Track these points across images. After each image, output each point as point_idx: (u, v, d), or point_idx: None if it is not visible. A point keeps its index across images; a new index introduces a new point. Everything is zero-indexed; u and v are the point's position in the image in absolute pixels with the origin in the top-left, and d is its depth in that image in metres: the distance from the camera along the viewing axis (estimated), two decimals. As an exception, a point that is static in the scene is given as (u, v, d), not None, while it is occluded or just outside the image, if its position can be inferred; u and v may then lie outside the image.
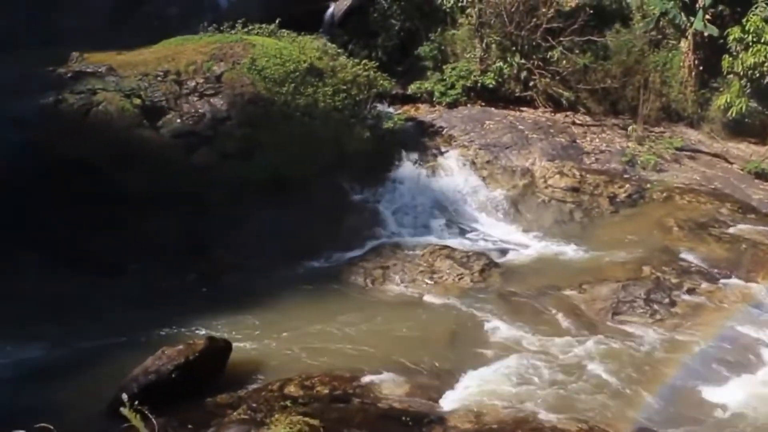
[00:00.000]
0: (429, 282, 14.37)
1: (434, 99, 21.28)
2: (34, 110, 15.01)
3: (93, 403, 9.75)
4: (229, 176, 15.56)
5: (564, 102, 21.12)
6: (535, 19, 20.90)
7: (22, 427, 4.57)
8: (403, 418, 9.52)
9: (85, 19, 19.37)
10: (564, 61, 21.04)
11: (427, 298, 13.91)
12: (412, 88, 21.52)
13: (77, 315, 12.62)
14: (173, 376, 9.82)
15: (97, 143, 14.90)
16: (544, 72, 21.14)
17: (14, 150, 14.51)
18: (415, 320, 12.84)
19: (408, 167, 18.19)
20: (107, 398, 9.48)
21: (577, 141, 19.89)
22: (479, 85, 21.19)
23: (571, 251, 15.89)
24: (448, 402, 10.14)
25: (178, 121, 15.89)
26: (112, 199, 14.33)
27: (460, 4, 21.89)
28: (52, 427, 4.71)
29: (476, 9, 21.28)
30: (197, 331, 12.05)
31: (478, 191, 18.00)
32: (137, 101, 15.75)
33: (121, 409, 4.90)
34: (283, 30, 19.22)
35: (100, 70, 16.22)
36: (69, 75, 15.98)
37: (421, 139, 19.21)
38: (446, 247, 15.54)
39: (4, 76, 15.46)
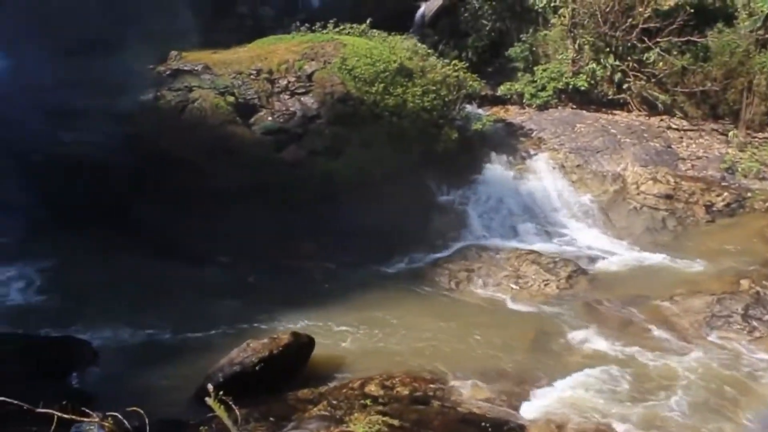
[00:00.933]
0: (514, 287, 14.16)
1: (524, 101, 20.97)
2: (135, 106, 15.69)
3: (180, 389, 10.09)
4: (317, 173, 15.81)
5: (659, 105, 20.40)
6: (630, 20, 20.25)
7: (115, 410, 4.74)
8: (483, 424, 9.39)
9: (183, 20, 20.10)
10: (661, 63, 20.30)
11: (511, 303, 13.71)
12: (501, 90, 21.27)
13: (168, 303, 13.06)
14: (257, 368, 10.02)
15: (191, 138, 15.42)
16: (639, 74, 20.48)
17: (117, 143, 15.27)
18: (498, 325, 12.66)
19: (496, 169, 17.98)
20: (194, 385, 9.79)
21: (673, 146, 19.15)
22: (571, 87, 20.72)
23: (662, 261, 15.31)
24: (529, 411, 9.93)
25: (270, 118, 16.23)
26: (204, 193, 14.81)
27: (552, 5, 21.47)
28: (142, 411, 4.87)
29: (569, 9, 20.81)
30: (282, 325, 12.25)
31: (567, 196, 17.60)
32: (231, 99, 16.18)
33: (207, 399, 5.02)
34: (374, 30, 19.37)
35: (196, 68, 16.76)
36: (167, 73, 16.61)
37: (510, 142, 18.95)
38: (532, 251, 15.28)
39: (111, 74, 16.22)
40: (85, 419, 4.40)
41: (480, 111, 20.00)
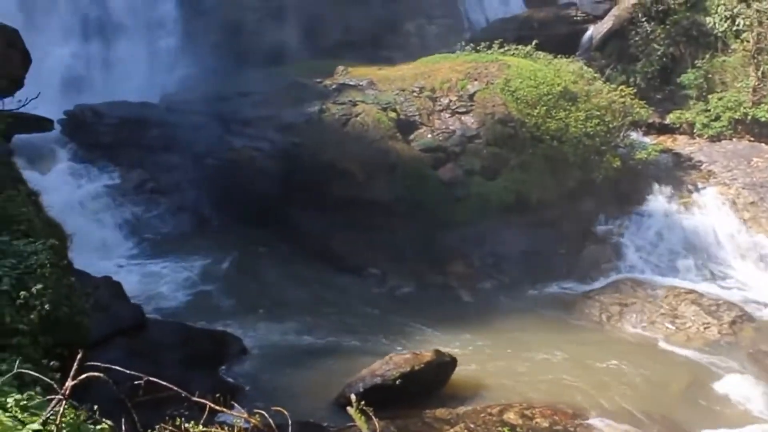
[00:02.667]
0: (670, 327, 13.37)
1: (695, 131, 19.80)
2: (301, 117, 16.43)
3: (321, 393, 10.43)
4: (472, 192, 15.80)
5: None
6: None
7: (258, 405, 4.94)
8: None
9: (350, 34, 20.88)
10: None
11: (666, 344, 12.96)
12: (670, 118, 20.23)
13: (319, 308, 13.57)
14: (397, 383, 10.13)
15: (352, 151, 15.91)
16: (832, 108, 18.75)
17: (281, 152, 16.10)
18: (650, 366, 12.00)
19: (659, 201, 17.09)
20: (334, 391, 10.08)
21: None
22: (749, 117, 19.31)
23: None
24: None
25: (429, 135, 16.42)
26: (360, 204, 15.25)
27: (735, 28, 20.16)
28: (285, 412, 5.04)
29: (754, 33, 19.46)
30: (425, 342, 12.31)
31: (736, 234, 16.40)
32: (392, 114, 16.53)
33: (348, 408, 5.12)
34: (539, 52, 19.07)
35: (361, 83, 17.29)
36: (333, 87, 17.25)
37: (676, 173, 17.97)
38: (693, 291, 14.37)
39: (279, 86, 17.15)
40: (234, 413, 4.63)
41: (646, 139, 19.14)
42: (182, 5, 21.31)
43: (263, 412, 4.47)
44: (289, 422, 5.08)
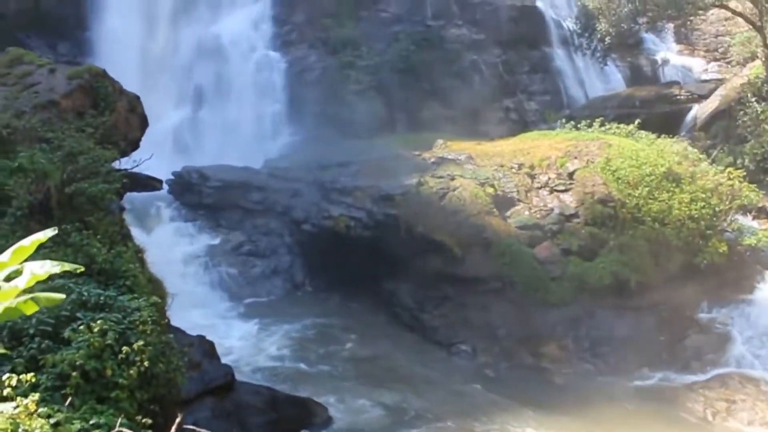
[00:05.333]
0: (785, 428, 12.39)
1: (810, 217, 18.77)
2: (399, 189, 16.56)
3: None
4: (569, 273, 15.36)
5: None
6: None
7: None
8: None
9: (450, 108, 21.14)
10: None
11: (781, 446, 12.00)
12: (783, 203, 19.26)
13: (409, 382, 13.32)
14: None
15: (448, 225, 15.84)
16: None
17: (378, 222, 16.24)
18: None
19: (770, 291, 16.14)
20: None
21: None
22: None
23: None
24: None
25: (527, 213, 16.20)
26: (454, 279, 15.12)
27: None
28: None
29: None
30: (514, 427, 11.84)
31: None
32: (490, 190, 16.43)
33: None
34: (642, 131, 18.70)
35: (460, 157, 17.35)
36: (432, 160, 17.37)
37: (789, 262, 16.96)
38: (810, 390, 13.32)
39: (379, 156, 17.42)
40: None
41: (755, 224, 18.22)
42: (289, 75, 22.24)
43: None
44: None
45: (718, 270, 16.05)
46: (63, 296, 2.25)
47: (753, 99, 20.75)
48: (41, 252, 2.24)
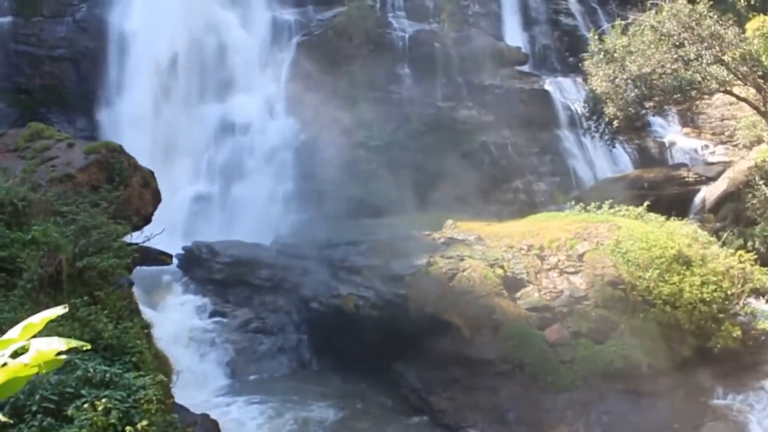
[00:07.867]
0: None
1: (825, 303, 18.52)
2: (408, 269, 16.52)
3: None
4: (579, 356, 15.12)
5: None
6: None
7: None
8: None
9: (460, 189, 21.32)
10: None
11: None
12: (795, 290, 19.06)
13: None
14: None
15: (457, 306, 15.71)
16: None
17: (386, 302, 16.16)
18: None
19: (788, 377, 15.79)
20: None
21: None
22: None
23: None
24: None
25: (536, 294, 16.08)
26: (462, 360, 14.88)
27: None
28: None
29: None
30: None
31: None
32: (500, 271, 16.36)
33: None
34: (651, 213, 18.75)
35: (469, 238, 17.34)
36: (442, 240, 17.36)
37: (806, 349, 16.66)
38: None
39: (390, 236, 17.48)
40: None
41: (769, 308, 18.02)
42: (300, 153, 22.61)
43: None
44: None
45: (733, 355, 15.76)
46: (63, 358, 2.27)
47: (761, 182, 20.86)
48: (48, 325, 2.26)
